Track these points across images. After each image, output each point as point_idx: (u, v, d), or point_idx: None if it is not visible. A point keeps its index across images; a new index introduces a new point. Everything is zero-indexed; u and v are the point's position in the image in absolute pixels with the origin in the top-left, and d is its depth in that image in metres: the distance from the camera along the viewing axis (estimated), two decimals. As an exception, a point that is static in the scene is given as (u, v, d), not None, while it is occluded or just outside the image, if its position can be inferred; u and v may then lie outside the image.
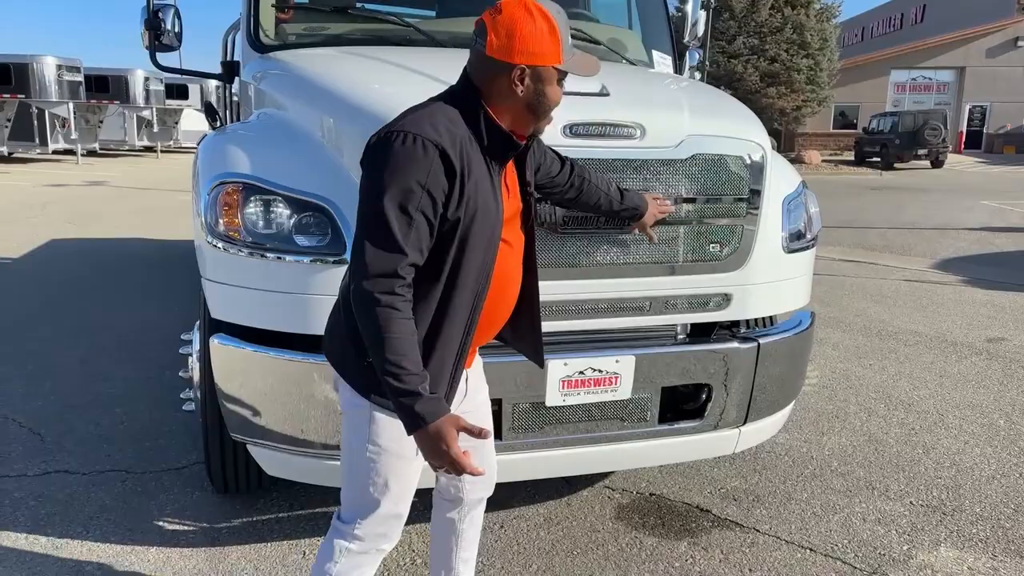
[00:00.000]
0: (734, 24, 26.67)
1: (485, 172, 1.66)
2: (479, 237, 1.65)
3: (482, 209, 1.64)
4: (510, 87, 1.65)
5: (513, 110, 1.69)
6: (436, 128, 1.58)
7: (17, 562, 2.67)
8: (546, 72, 1.65)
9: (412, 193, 1.55)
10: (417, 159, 1.55)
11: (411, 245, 1.57)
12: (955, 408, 4.33)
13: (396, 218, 1.55)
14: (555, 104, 1.71)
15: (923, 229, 11.81)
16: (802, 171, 25.72)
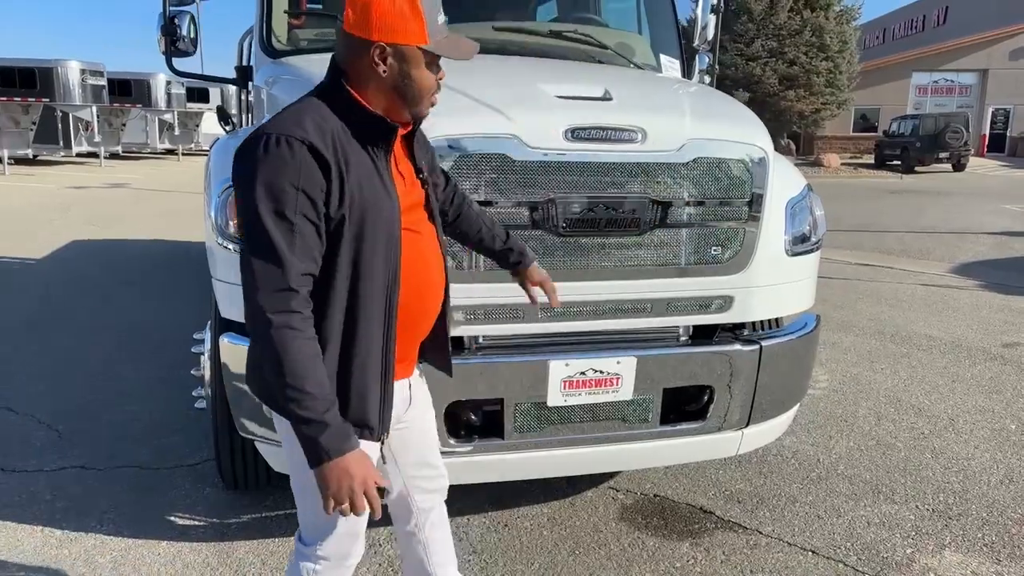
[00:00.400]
0: (752, 27, 26.55)
1: (368, 162, 1.57)
2: (375, 232, 1.56)
3: (371, 202, 1.55)
4: (371, 67, 1.56)
5: (380, 93, 1.59)
6: (302, 125, 1.50)
7: (32, 554, 2.75)
8: (411, 52, 1.56)
9: (287, 196, 1.45)
10: (285, 160, 1.46)
11: (298, 253, 1.47)
12: (966, 413, 4.31)
13: (275, 226, 1.45)
14: (428, 90, 1.62)
15: (942, 233, 11.69)
16: (820, 174, 25.64)
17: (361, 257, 1.56)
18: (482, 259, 2.36)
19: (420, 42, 1.55)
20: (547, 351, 2.52)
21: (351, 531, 1.79)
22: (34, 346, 5.13)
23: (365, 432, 1.64)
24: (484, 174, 2.31)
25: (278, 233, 1.45)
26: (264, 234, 1.45)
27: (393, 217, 1.60)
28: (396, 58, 1.55)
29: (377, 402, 1.65)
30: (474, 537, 2.89)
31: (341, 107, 1.57)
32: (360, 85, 1.58)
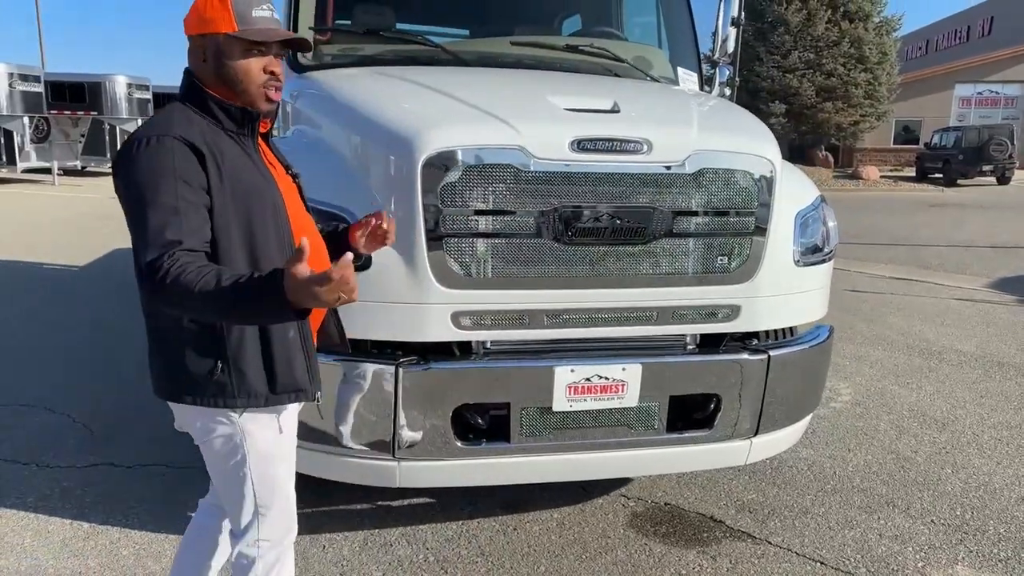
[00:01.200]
0: (789, 38, 26.29)
1: (239, 151, 1.70)
2: (262, 210, 1.68)
3: (251, 184, 1.68)
4: (200, 62, 1.71)
5: (213, 84, 1.71)
6: (170, 125, 1.62)
7: (60, 545, 2.88)
8: (221, 41, 1.68)
9: (167, 184, 1.55)
10: (161, 155, 1.57)
11: (185, 232, 1.53)
12: (991, 428, 4.23)
13: (157, 211, 1.53)
14: (251, 78, 1.70)
15: (981, 247, 11.43)
16: (859, 187, 25.24)
17: (256, 233, 1.67)
18: (490, 266, 2.43)
19: (228, 29, 1.67)
20: (553, 357, 2.58)
21: (287, 507, 1.89)
22: (74, 349, 5.34)
23: (300, 395, 1.78)
24: (491, 184, 2.38)
25: (160, 217, 1.53)
26: (146, 220, 1.53)
27: (276, 201, 1.73)
28: (211, 49, 1.69)
29: (303, 364, 1.76)
30: (483, 539, 2.94)
31: (200, 104, 1.71)
32: (205, 82, 1.72)
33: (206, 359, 1.69)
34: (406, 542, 2.91)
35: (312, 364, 1.80)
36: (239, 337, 1.69)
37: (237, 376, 1.70)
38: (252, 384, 1.72)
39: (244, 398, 1.72)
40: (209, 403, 1.72)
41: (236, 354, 1.70)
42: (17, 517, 3.08)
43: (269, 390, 1.74)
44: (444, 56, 3.45)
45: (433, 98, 2.73)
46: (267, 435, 1.79)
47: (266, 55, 1.71)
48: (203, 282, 1.48)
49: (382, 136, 2.53)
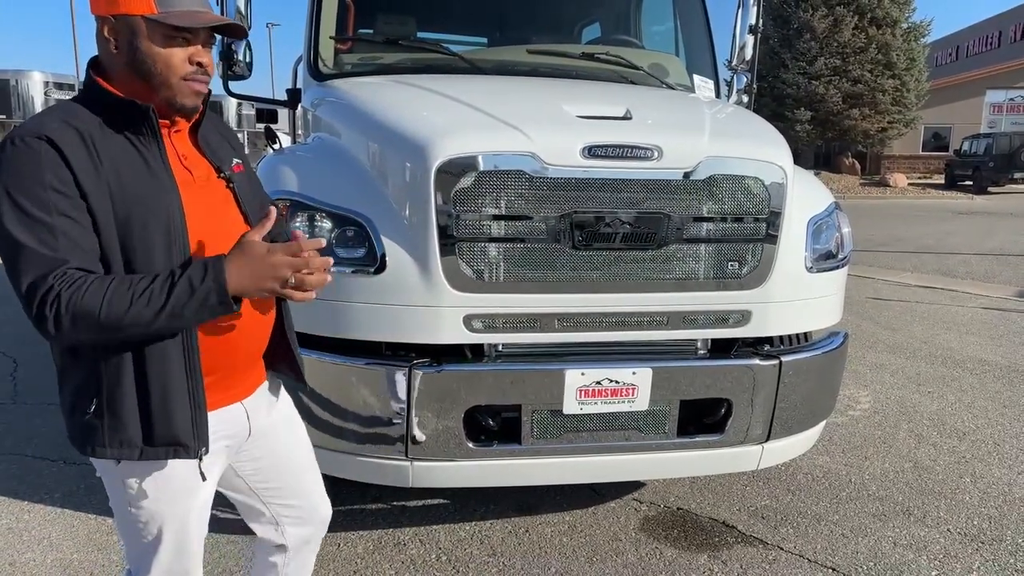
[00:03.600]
0: (815, 45, 26.12)
1: (131, 153, 1.45)
2: (147, 228, 1.43)
3: (138, 195, 1.42)
4: (108, 48, 1.47)
5: (122, 75, 1.48)
6: (43, 124, 1.40)
7: (85, 539, 2.97)
8: (137, 24, 1.43)
9: (38, 197, 1.35)
10: (28, 160, 1.36)
11: (64, 248, 1.35)
12: (1013, 438, 4.18)
13: (30, 231, 1.34)
14: (171, 68, 1.47)
15: (1010, 256, 11.25)
16: (886, 194, 24.93)
17: (134, 256, 1.43)
18: (501, 270, 2.48)
19: (145, 11, 1.42)
20: (564, 360, 2.61)
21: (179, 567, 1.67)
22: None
23: (179, 450, 1.52)
24: (503, 190, 2.43)
25: (35, 237, 1.34)
26: (19, 242, 1.34)
27: (172, 211, 1.46)
28: (123, 34, 1.45)
29: (187, 415, 1.51)
30: (495, 540, 2.98)
31: (90, 99, 1.49)
32: (107, 70, 1.50)
33: (81, 399, 1.48)
34: (419, 542, 2.96)
35: (199, 416, 1.52)
36: (115, 375, 1.46)
37: (111, 420, 1.47)
38: (124, 431, 1.48)
39: (115, 447, 1.48)
40: (83, 449, 1.51)
41: (112, 395, 1.47)
42: (45, 512, 3.18)
43: (144, 441, 1.49)
44: (461, 64, 3.51)
45: (448, 106, 2.78)
46: (152, 492, 1.57)
47: (192, 43, 1.48)
48: (111, 291, 1.34)
49: (397, 143, 2.59)
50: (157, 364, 1.47)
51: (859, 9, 26.04)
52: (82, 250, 1.38)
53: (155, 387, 1.48)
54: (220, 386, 1.61)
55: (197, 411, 1.53)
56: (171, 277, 1.38)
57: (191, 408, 1.52)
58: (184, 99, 1.50)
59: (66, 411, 1.54)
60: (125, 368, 1.46)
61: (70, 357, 1.52)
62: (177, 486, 1.59)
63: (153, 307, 1.36)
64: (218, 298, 1.39)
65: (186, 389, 1.50)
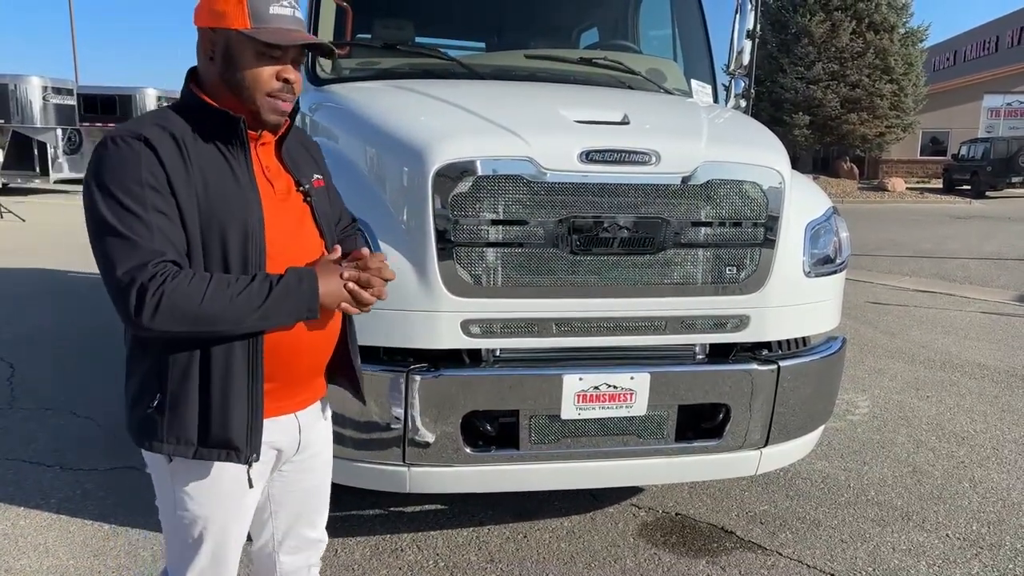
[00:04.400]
0: (813, 50, 26.19)
1: (220, 162, 1.51)
2: (227, 235, 1.48)
3: (222, 203, 1.48)
4: (206, 58, 1.53)
5: (217, 86, 1.54)
6: (140, 125, 1.47)
7: (81, 545, 2.96)
8: (232, 38, 1.49)
9: (133, 193, 1.40)
10: (127, 158, 1.41)
11: (159, 242, 1.40)
12: (1012, 443, 4.18)
13: (123, 222, 1.39)
14: (259, 84, 1.51)
15: (1009, 260, 11.26)
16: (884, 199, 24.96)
17: (211, 259, 1.48)
18: (499, 275, 2.47)
19: (240, 26, 1.48)
20: (562, 365, 2.60)
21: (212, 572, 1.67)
22: (100, 354, 5.46)
23: (231, 454, 1.54)
24: (500, 194, 2.42)
25: (132, 230, 1.39)
26: (117, 232, 1.38)
27: (252, 221, 1.51)
28: (220, 46, 1.51)
29: (243, 424, 1.54)
30: (493, 547, 2.97)
31: (185, 107, 1.55)
32: (203, 81, 1.56)
33: (146, 393, 1.53)
34: (416, 548, 2.95)
35: (255, 422, 1.55)
36: (182, 373, 1.50)
37: (170, 415, 1.51)
38: (183, 429, 1.51)
39: (172, 443, 1.52)
40: (140, 442, 1.56)
41: (176, 392, 1.51)
42: (40, 517, 3.17)
43: (199, 441, 1.52)
44: (460, 69, 3.51)
45: (445, 110, 2.78)
46: (199, 492, 1.59)
47: (281, 60, 1.53)
48: (212, 285, 1.40)
49: (395, 148, 2.59)
50: (221, 366, 1.51)
51: (857, 14, 26.11)
52: (174, 246, 1.43)
53: (216, 388, 1.51)
54: (278, 395, 1.62)
55: (253, 417, 1.55)
56: (268, 280, 1.46)
57: (248, 413, 1.54)
58: (267, 115, 1.55)
59: (128, 403, 1.58)
60: (191, 367, 1.50)
61: (139, 351, 1.55)
62: (224, 490, 1.61)
63: (251, 306, 1.43)
64: (307, 305, 1.49)
65: (246, 394, 1.53)
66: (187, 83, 1.58)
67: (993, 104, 30.86)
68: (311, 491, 1.85)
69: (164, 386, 1.51)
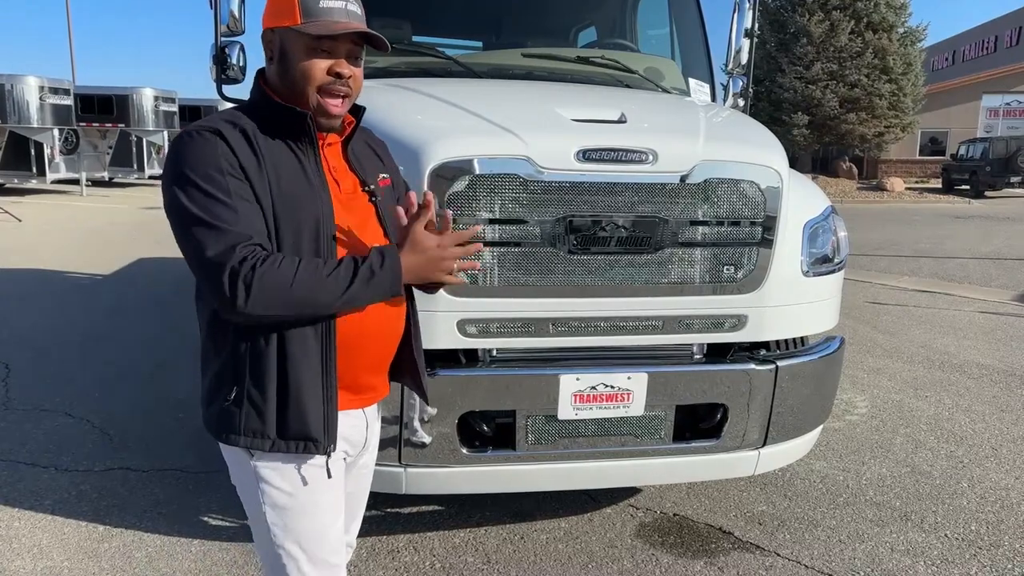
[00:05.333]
0: (812, 49, 26.16)
1: (290, 158, 1.53)
2: (299, 229, 1.49)
3: (293, 197, 1.49)
4: (268, 58, 1.58)
5: (276, 84, 1.57)
6: (213, 121, 1.50)
7: (75, 547, 2.94)
8: (285, 35, 1.52)
9: (214, 181, 1.42)
10: (205, 149, 1.44)
11: (244, 225, 1.41)
12: (1011, 442, 4.17)
13: (217, 209, 1.41)
14: (309, 78, 1.52)
15: (1008, 260, 11.25)
16: (883, 199, 24.95)
17: (282, 250, 1.48)
18: (495, 275, 2.46)
19: (291, 22, 1.51)
20: (558, 365, 2.59)
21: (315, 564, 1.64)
22: (95, 355, 5.44)
23: (310, 445, 1.55)
24: (497, 193, 2.41)
25: (218, 216, 1.40)
26: (203, 219, 1.40)
27: (322, 216, 1.52)
28: (277, 44, 1.55)
29: (319, 412, 1.54)
30: (490, 547, 2.95)
31: (253, 105, 1.59)
32: (269, 79, 1.60)
33: (223, 385, 1.54)
34: (413, 549, 2.93)
35: (330, 414, 1.56)
36: (258, 365, 1.50)
37: (248, 408, 1.52)
38: (260, 422, 1.52)
39: (248, 436, 1.53)
40: (215, 435, 1.58)
41: (254, 383, 1.52)
42: (35, 519, 3.15)
43: (277, 433, 1.53)
44: (457, 68, 3.49)
45: (442, 109, 2.77)
46: (283, 485, 1.59)
47: (334, 55, 1.52)
48: (302, 267, 1.42)
49: (392, 146, 2.55)
50: (297, 357, 1.51)
51: (856, 14, 26.09)
52: (259, 231, 1.44)
53: (292, 380, 1.52)
54: (347, 388, 1.63)
55: (329, 407, 1.56)
56: (353, 262, 1.47)
57: (324, 403, 1.55)
58: (318, 113, 1.54)
59: (205, 397, 1.60)
60: (266, 358, 1.50)
61: (213, 345, 1.57)
62: (306, 482, 1.60)
63: (340, 287, 1.45)
64: (390, 286, 1.51)
65: (320, 385, 1.54)
66: (256, 82, 1.61)
67: (992, 104, 30.88)
68: (356, 494, 1.85)
69: (240, 379, 1.52)
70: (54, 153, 20.68)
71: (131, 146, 22.69)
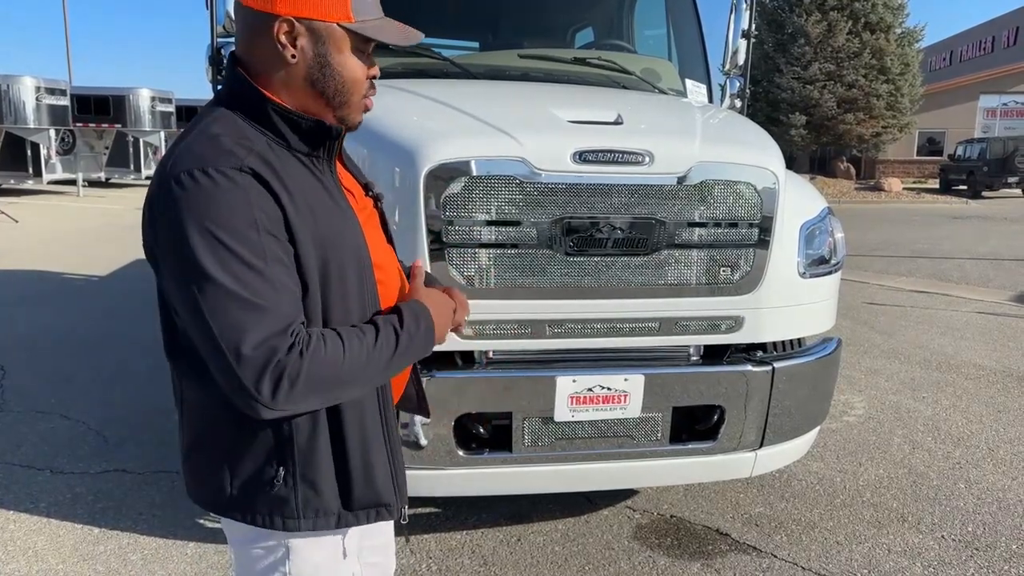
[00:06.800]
0: (809, 50, 26.19)
1: (312, 180, 1.26)
2: (343, 265, 1.25)
3: (330, 228, 1.24)
4: (275, 52, 1.21)
5: (294, 88, 1.24)
6: (231, 150, 1.16)
7: (71, 550, 2.93)
8: (329, 31, 1.21)
9: (249, 239, 1.12)
10: (234, 197, 1.12)
11: (287, 303, 1.14)
12: (1007, 443, 4.17)
13: (251, 279, 1.11)
14: (355, 84, 1.27)
15: (1006, 260, 11.26)
16: (881, 199, 25.01)
17: (330, 300, 1.24)
18: (491, 276, 2.45)
19: (341, 18, 1.21)
20: (555, 367, 2.59)
21: None
22: (91, 357, 5.43)
23: (382, 511, 1.37)
24: (493, 195, 2.40)
25: (251, 290, 1.11)
26: (232, 294, 1.10)
27: (358, 243, 1.30)
28: (311, 40, 1.22)
29: (387, 471, 1.36)
30: (487, 550, 2.95)
31: (257, 115, 1.24)
32: (268, 80, 1.25)
33: (265, 466, 1.27)
34: (409, 551, 2.93)
35: (398, 470, 1.38)
36: (310, 435, 1.27)
37: (304, 488, 1.28)
38: (323, 499, 1.30)
39: (311, 518, 1.29)
40: (264, 522, 1.29)
41: (306, 458, 1.27)
42: (30, 521, 3.14)
43: (342, 505, 1.32)
44: (453, 69, 3.49)
45: (438, 111, 2.76)
46: (319, 557, 1.37)
47: (371, 58, 1.30)
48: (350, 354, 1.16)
49: (387, 148, 2.56)
50: (356, 417, 1.31)
51: (853, 14, 26.12)
52: (296, 302, 1.17)
53: (353, 443, 1.31)
54: None
55: (395, 464, 1.39)
56: (391, 325, 1.24)
57: (389, 461, 1.37)
58: (356, 117, 1.33)
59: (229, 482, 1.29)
60: (318, 424, 1.28)
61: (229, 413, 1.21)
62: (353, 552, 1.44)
63: (384, 358, 1.22)
64: (426, 345, 1.30)
65: (383, 441, 1.36)
66: (249, 84, 1.25)
67: (989, 104, 30.95)
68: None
69: (287, 453, 1.26)
70: (50, 154, 20.64)
71: (128, 147, 22.66)
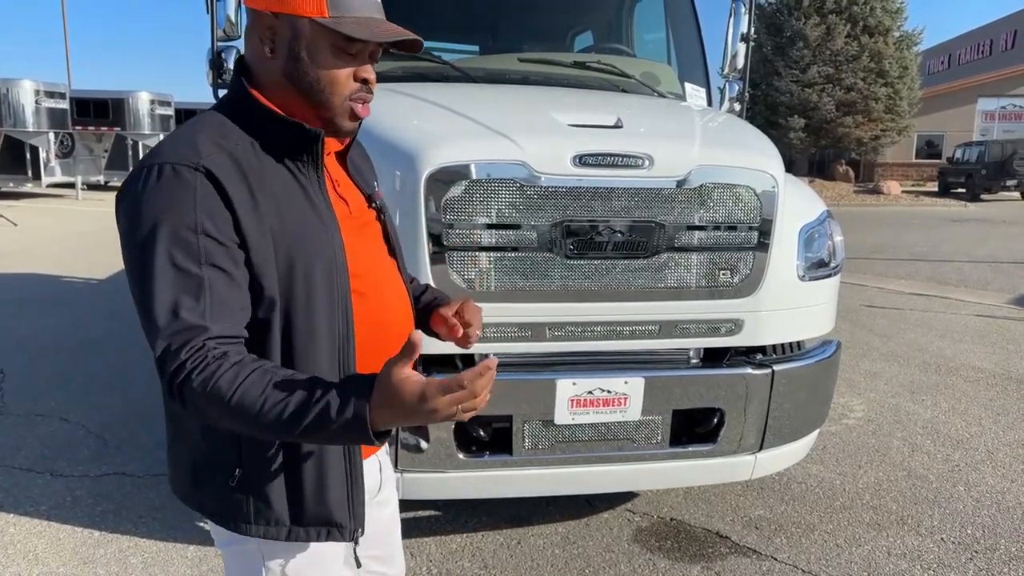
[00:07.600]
0: (808, 53, 26.26)
1: (291, 183, 1.23)
2: (310, 273, 1.21)
3: (299, 234, 1.20)
4: (263, 52, 1.22)
5: (278, 86, 1.24)
6: (197, 147, 1.16)
7: (71, 553, 2.93)
8: (303, 28, 1.19)
9: (186, 243, 1.11)
10: (179, 196, 1.12)
11: (211, 315, 1.11)
12: (1007, 446, 4.17)
13: (176, 280, 1.10)
14: (335, 85, 1.23)
15: (1004, 263, 11.28)
16: (880, 202, 25.03)
17: (294, 307, 1.21)
18: (492, 279, 2.46)
19: (314, 14, 1.18)
20: (555, 370, 2.59)
21: None
22: (90, 359, 5.43)
23: (332, 532, 1.31)
24: (493, 198, 2.41)
25: (175, 289, 1.10)
26: (154, 292, 1.10)
27: (334, 248, 1.25)
28: (286, 37, 1.21)
29: (342, 492, 1.30)
30: (487, 553, 2.95)
31: (244, 114, 1.24)
32: (259, 79, 1.25)
33: (222, 463, 1.26)
34: (409, 555, 2.93)
35: (356, 493, 1.32)
36: (262, 443, 1.24)
37: (255, 494, 1.26)
38: (273, 511, 1.27)
39: (261, 525, 1.28)
40: (219, 521, 1.31)
41: (258, 467, 1.25)
42: (30, 524, 3.14)
43: (292, 520, 1.29)
44: (453, 73, 3.49)
45: (439, 114, 2.77)
46: (299, 563, 1.35)
47: (359, 57, 1.24)
48: (240, 393, 1.08)
49: (388, 151, 2.56)
50: None
51: (852, 17, 26.19)
52: (229, 311, 1.14)
53: (307, 459, 1.26)
54: None
55: (352, 485, 1.31)
56: (310, 398, 1.08)
57: (347, 482, 1.30)
58: (343, 122, 1.27)
59: (190, 472, 1.31)
60: None
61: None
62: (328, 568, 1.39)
63: (281, 422, 1.08)
64: (356, 435, 1.09)
65: (342, 459, 1.29)
66: (241, 83, 1.26)
67: (987, 107, 31.03)
68: (391, 522, 1.66)
69: (243, 457, 1.24)
70: (50, 157, 20.64)
71: (127, 150, 22.64)
